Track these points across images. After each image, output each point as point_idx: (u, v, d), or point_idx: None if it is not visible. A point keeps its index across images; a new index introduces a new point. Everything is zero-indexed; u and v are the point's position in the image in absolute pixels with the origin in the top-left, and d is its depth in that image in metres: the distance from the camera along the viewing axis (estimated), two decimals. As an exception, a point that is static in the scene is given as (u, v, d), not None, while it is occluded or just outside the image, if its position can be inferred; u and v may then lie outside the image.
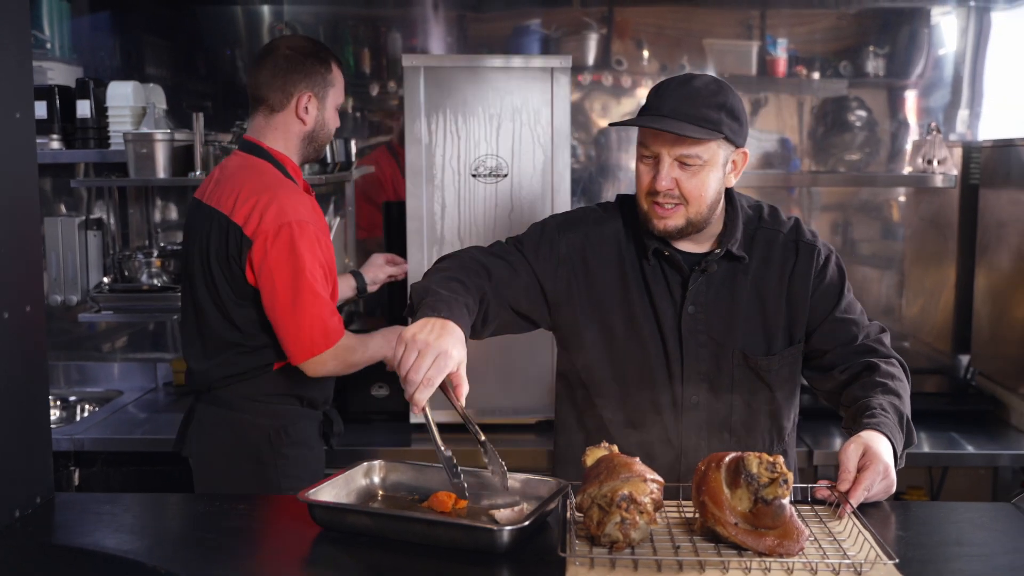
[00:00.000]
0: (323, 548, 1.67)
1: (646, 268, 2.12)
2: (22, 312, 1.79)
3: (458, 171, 3.27)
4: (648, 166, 2.02)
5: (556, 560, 1.56)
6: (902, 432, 1.94)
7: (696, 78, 2.02)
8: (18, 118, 1.78)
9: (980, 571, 1.57)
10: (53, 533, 1.76)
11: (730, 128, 1.99)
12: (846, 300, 2.16)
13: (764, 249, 2.13)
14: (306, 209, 2.63)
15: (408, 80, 3.24)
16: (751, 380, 2.13)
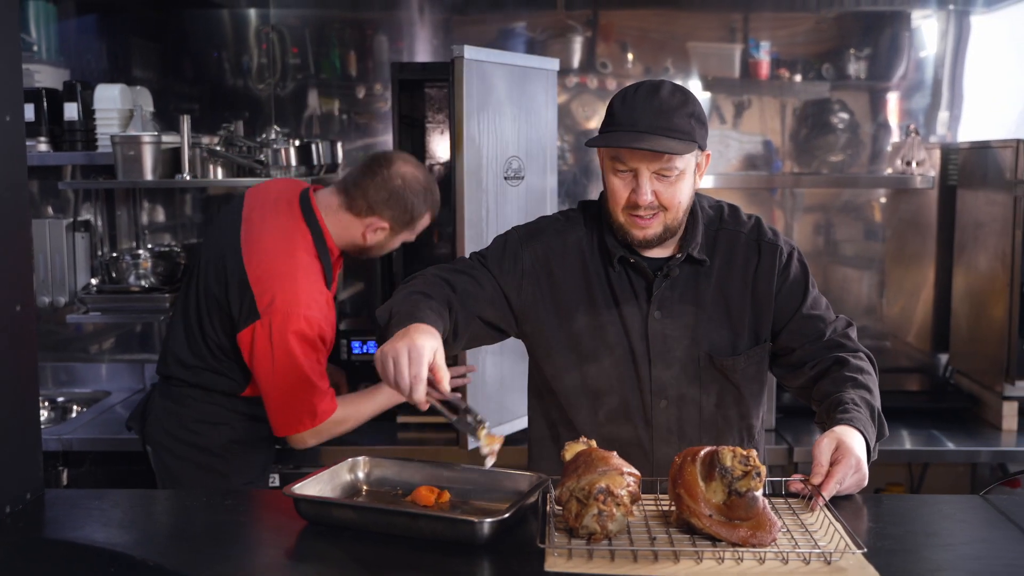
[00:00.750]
0: (308, 542, 1.71)
1: (611, 275, 2.14)
2: (12, 312, 1.83)
3: (496, 173, 3.11)
4: (624, 180, 2.03)
5: (536, 551, 1.60)
6: (874, 425, 1.97)
7: (660, 87, 2.03)
8: (8, 121, 1.82)
9: (946, 559, 1.62)
10: (43, 528, 1.80)
11: (700, 135, 2.03)
12: (811, 296, 2.19)
13: (726, 250, 2.16)
14: (318, 303, 2.71)
15: (466, 74, 2.92)
16: (719, 381, 2.16)
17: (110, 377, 4.06)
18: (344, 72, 4.03)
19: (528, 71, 3.17)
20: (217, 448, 2.82)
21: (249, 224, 2.82)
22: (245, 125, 3.94)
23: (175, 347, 2.89)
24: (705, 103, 3.99)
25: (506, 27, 4.01)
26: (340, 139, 3.97)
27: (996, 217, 3.46)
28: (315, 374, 2.70)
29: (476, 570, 1.58)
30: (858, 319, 4.01)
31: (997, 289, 3.45)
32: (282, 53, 4.02)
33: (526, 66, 3.18)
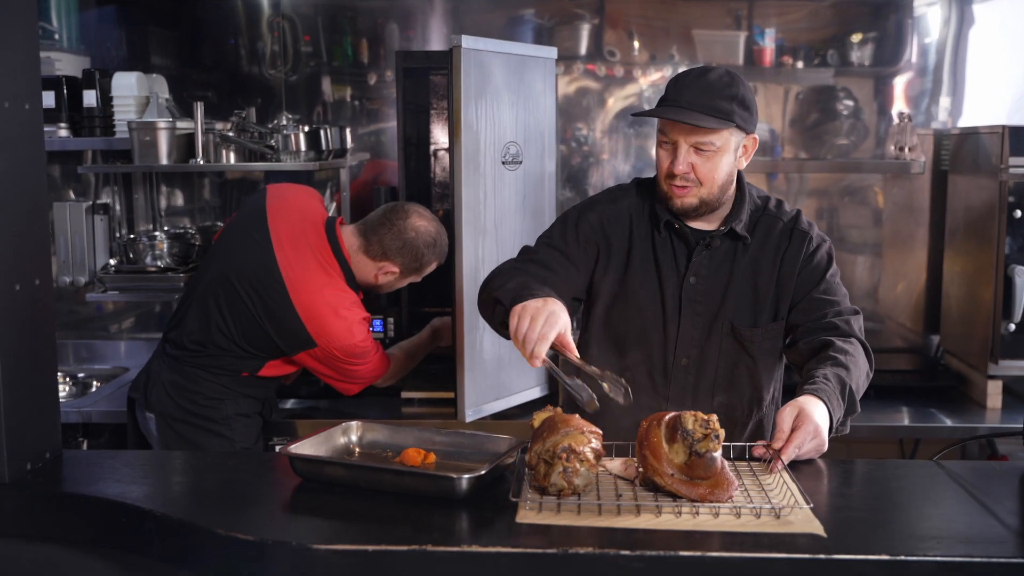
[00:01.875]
0: (303, 496, 1.85)
1: (656, 240, 2.34)
2: (32, 285, 1.97)
3: (494, 159, 3.26)
4: (667, 151, 2.24)
5: (509, 505, 1.73)
6: (842, 401, 2.09)
7: (712, 71, 2.22)
8: (27, 109, 1.96)
9: (890, 515, 1.74)
10: (61, 484, 1.95)
11: (741, 117, 2.20)
12: (826, 283, 2.36)
13: (764, 234, 2.35)
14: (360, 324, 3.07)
15: (463, 63, 3.06)
16: (736, 350, 2.35)
17: (128, 354, 4.22)
18: (356, 59, 4.15)
19: (526, 59, 3.30)
20: (220, 418, 3.05)
21: (280, 245, 3.05)
22: (258, 111, 4.08)
23: (189, 328, 3.08)
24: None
25: (515, 14, 4.11)
26: (351, 125, 4.10)
27: (984, 202, 3.55)
28: (370, 371, 3.16)
29: (454, 522, 1.72)
30: (856, 301, 4.08)
31: (984, 272, 3.55)
32: (294, 41, 4.14)
33: (524, 55, 3.30)
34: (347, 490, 1.85)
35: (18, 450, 1.94)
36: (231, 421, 3.06)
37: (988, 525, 1.69)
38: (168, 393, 3.07)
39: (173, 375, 3.08)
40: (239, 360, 3.07)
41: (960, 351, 3.81)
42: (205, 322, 3.06)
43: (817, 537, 1.61)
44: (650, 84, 4.12)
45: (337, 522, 1.75)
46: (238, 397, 3.10)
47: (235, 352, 3.06)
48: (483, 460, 1.92)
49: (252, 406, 3.15)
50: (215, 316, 3.04)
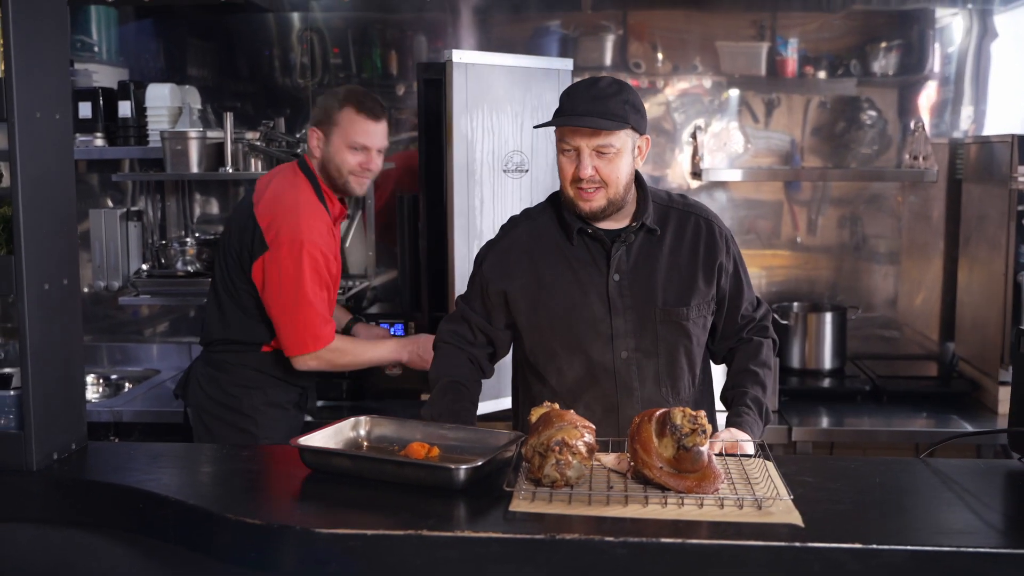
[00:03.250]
0: (310, 486, 1.95)
1: (568, 250, 2.47)
2: (60, 284, 2.10)
3: (493, 167, 3.46)
4: (570, 159, 2.37)
5: (504, 495, 1.82)
6: (761, 420, 2.43)
7: (600, 80, 2.37)
8: (57, 119, 2.09)
9: (870, 509, 1.80)
10: (85, 472, 2.07)
11: (634, 119, 2.35)
12: (747, 282, 2.58)
13: (677, 225, 2.50)
14: (320, 232, 3.01)
15: (456, 76, 3.34)
16: (673, 332, 2.47)
17: (160, 357, 4.36)
18: (384, 71, 4.26)
19: (533, 71, 3.46)
20: (249, 410, 3.10)
21: (259, 189, 3.14)
22: (287, 121, 4.21)
23: (209, 314, 3.20)
24: (733, 100, 4.16)
25: (541, 25, 4.20)
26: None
27: (996, 210, 3.59)
28: (318, 299, 3.00)
29: (451, 510, 1.81)
30: (874, 309, 4.17)
31: (997, 280, 3.58)
32: (323, 53, 4.26)
33: (529, 67, 3.47)
34: (352, 480, 1.95)
35: (45, 440, 2.06)
36: (260, 413, 3.10)
37: (962, 518, 1.75)
38: (201, 385, 3.16)
39: (207, 367, 3.17)
40: (251, 330, 3.10)
41: (974, 358, 3.85)
42: (219, 298, 3.14)
43: (795, 527, 1.69)
44: (676, 94, 4.19)
45: (340, 509, 1.84)
46: (269, 384, 3.14)
47: (244, 323, 3.10)
48: (485, 453, 2.01)
49: (286, 395, 3.18)
50: (224, 289, 3.12)
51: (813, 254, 4.23)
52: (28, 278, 2.01)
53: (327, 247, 3.03)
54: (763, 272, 4.24)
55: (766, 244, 4.24)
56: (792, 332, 3.96)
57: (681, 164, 4.21)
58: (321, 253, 2.99)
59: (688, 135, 4.19)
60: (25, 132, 1.99)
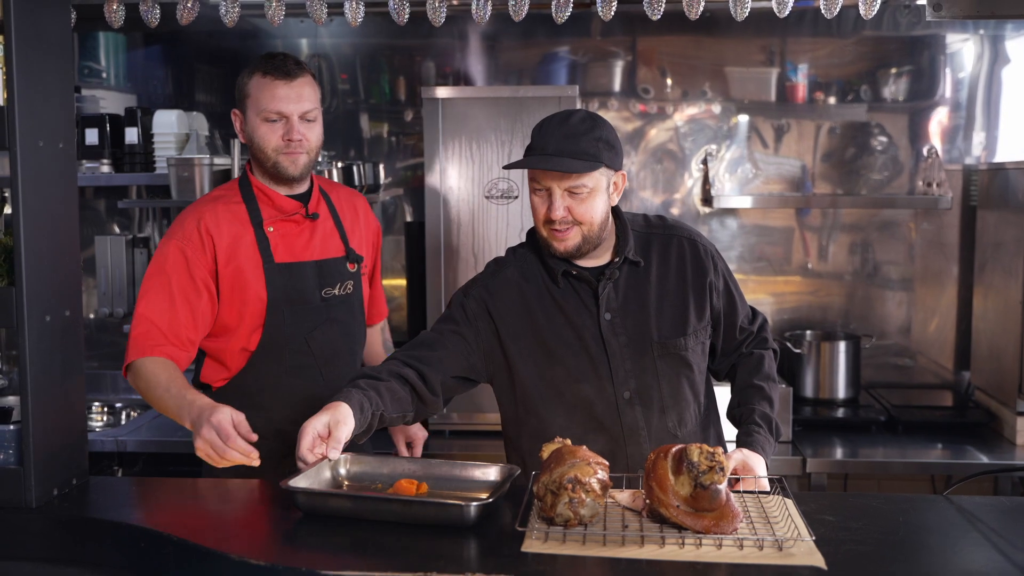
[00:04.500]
0: (315, 525, 1.90)
1: (557, 291, 2.36)
2: (62, 316, 2.06)
3: (472, 193, 3.55)
4: (541, 198, 2.28)
5: (515, 534, 1.77)
6: (772, 436, 2.35)
7: (572, 115, 2.27)
8: (61, 148, 2.06)
9: (895, 551, 1.75)
10: (86, 509, 2.02)
11: (607, 157, 2.25)
12: (740, 296, 2.50)
13: (661, 250, 2.41)
14: (190, 230, 2.58)
15: (427, 110, 3.54)
16: (673, 364, 2.38)
17: (163, 383, 4.30)
18: (393, 96, 4.25)
19: (525, 100, 3.53)
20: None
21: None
22: (295, 148, 4.18)
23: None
24: (743, 126, 4.13)
25: (549, 52, 4.18)
26: (386, 160, 4.19)
27: (1012, 238, 3.54)
28: (153, 306, 2.52)
29: (461, 550, 1.75)
30: (887, 337, 4.12)
31: (1013, 308, 3.53)
32: (331, 79, 4.24)
33: (515, 97, 3.55)
34: (352, 521, 1.89)
35: (45, 476, 2.02)
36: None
37: (990, 559, 1.69)
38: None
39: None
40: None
41: (990, 388, 3.79)
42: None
43: (818, 570, 1.63)
44: (685, 120, 4.16)
45: (346, 549, 1.79)
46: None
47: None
48: (476, 488, 1.97)
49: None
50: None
51: (825, 281, 4.19)
52: (29, 310, 1.97)
53: (205, 246, 2.57)
54: (774, 299, 4.19)
55: (777, 271, 4.19)
56: (806, 361, 3.91)
57: (690, 190, 4.17)
58: (179, 247, 2.54)
59: (698, 161, 4.15)
60: (27, 161, 1.96)
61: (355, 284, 2.75)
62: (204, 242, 2.58)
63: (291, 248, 2.66)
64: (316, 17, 3.38)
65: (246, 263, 2.60)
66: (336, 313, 2.71)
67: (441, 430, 3.65)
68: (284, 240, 2.66)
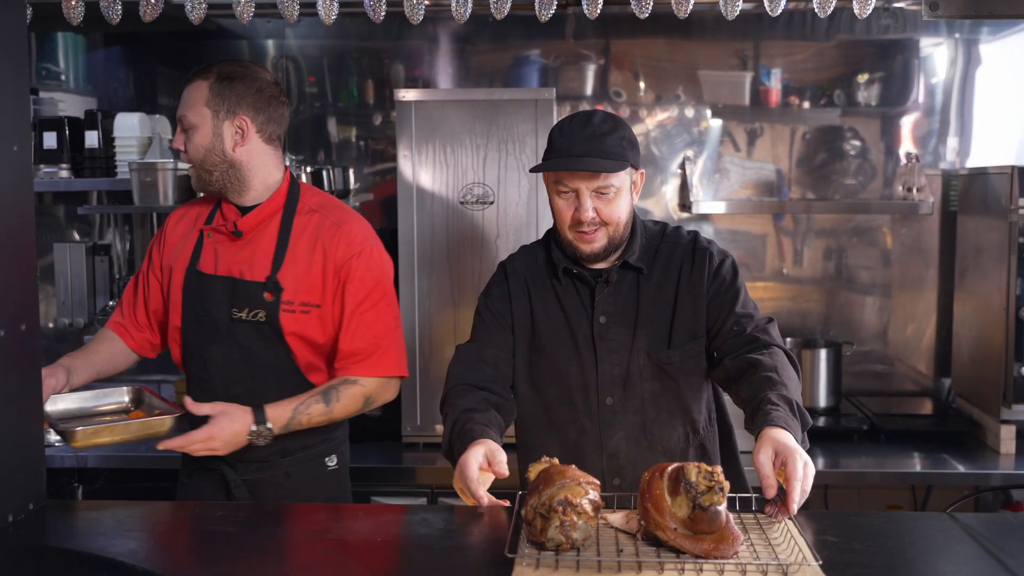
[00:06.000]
0: (291, 550, 1.79)
1: (558, 288, 2.36)
2: (17, 330, 1.93)
3: (447, 198, 3.45)
4: (568, 201, 2.26)
5: (505, 561, 1.67)
6: (796, 418, 2.02)
7: (593, 115, 2.25)
8: (16, 151, 1.93)
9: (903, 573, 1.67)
10: (43, 536, 1.89)
11: (632, 156, 2.25)
12: (738, 298, 2.35)
13: (666, 260, 2.36)
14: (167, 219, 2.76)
15: (400, 113, 3.44)
16: (659, 376, 2.32)
17: (128, 396, 4.16)
18: (361, 100, 4.15)
19: (500, 103, 3.44)
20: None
21: None
22: (261, 152, 4.06)
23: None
24: (716, 130, 4.07)
25: (520, 55, 4.10)
26: (355, 165, 4.09)
27: (994, 243, 3.50)
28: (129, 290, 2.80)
29: (447, 578, 1.66)
30: (865, 343, 4.07)
31: (995, 314, 3.48)
32: (299, 82, 4.14)
33: (490, 99, 3.46)
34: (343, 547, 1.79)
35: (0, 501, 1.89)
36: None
37: (1004, 583, 1.62)
38: None
39: None
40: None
41: (972, 395, 3.74)
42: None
43: (826, 596, 1.55)
44: (656, 124, 4.09)
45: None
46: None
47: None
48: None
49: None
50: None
51: (803, 287, 4.13)
52: (-18, 324, 1.84)
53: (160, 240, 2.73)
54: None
55: (756, 276, 4.13)
56: (786, 369, 3.83)
57: (666, 195, 4.10)
58: (153, 243, 2.75)
59: (675, 166, 4.09)
60: (-20, 166, 1.84)
61: (270, 314, 2.54)
62: (161, 236, 2.73)
63: (217, 259, 2.60)
64: (288, 15, 3.25)
65: (179, 264, 2.64)
66: (242, 337, 2.56)
67: (415, 442, 3.55)
68: (216, 249, 2.61)
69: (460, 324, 3.47)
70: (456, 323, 3.48)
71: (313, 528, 1.92)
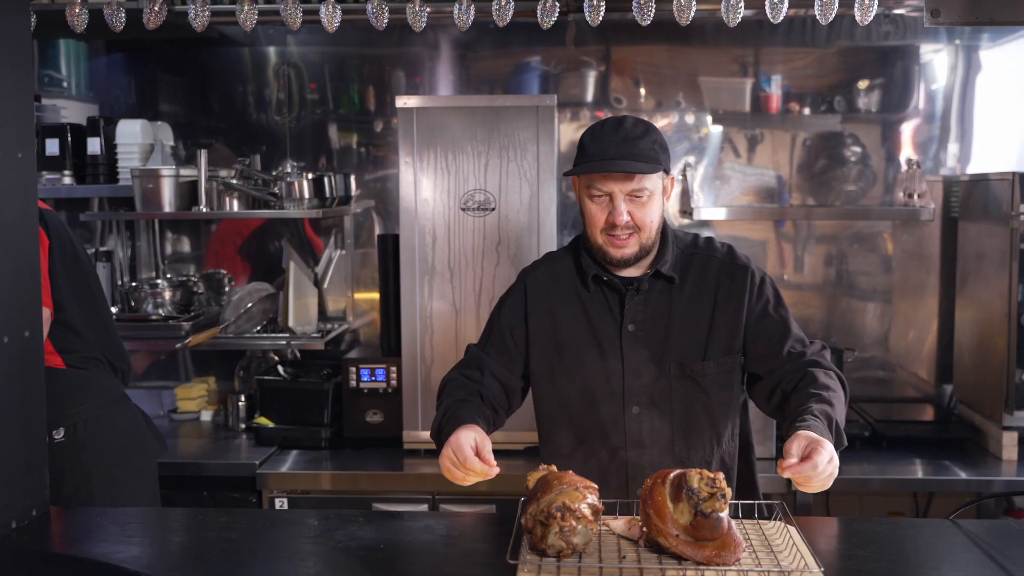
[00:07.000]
0: (294, 556, 1.79)
1: (584, 296, 2.34)
2: (21, 337, 1.93)
3: (448, 205, 3.45)
4: (601, 205, 2.25)
5: (508, 568, 1.67)
6: (831, 434, 2.01)
7: (624, 120, 2.25)
8: (20, 157, 1.94)
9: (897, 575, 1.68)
10: (46, 542, 1.90)
11: (664, 159, 2.25)
12: (785, 322, 2.32)
13: (699, 271, 2.34)
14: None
15: (402, 120, 3.45)
16: (689, 387, 2.30)
17: (129, 403, 4.16)
18: (362, 107, 4.15)
19: (503, 110, 3.44)
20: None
21: None
22: (263, 158, 4.08)
23: None
24: (716, 136, 4.07)
25: (521, 62, 4.10)
26: (356, 172, 4.09)
27: (995, 249, 3.50)
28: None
29: (449, 585, 1.66)
30: (867, 349, 4.06)
31: (997, 320, 3.49)
32: (300, 89, 4.14)
33: (492, 106, 3.47)
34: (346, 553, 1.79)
35: (2, 507, 1.89)
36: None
37: (1008, 590, 1.62)
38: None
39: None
40: None
41: (974, 401, 3.74)
42: None
43: (828, 603, 1.55)
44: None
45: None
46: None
47: None
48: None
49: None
50: None
51: (804, 293, 4.13)
52: (-14, 331, 1.85)
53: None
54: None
55: (756, 283, 4.11)
56: (788, 375, 3.83)
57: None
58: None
59: (675, 172, 4.09)
60: (-16, 173, 1.84)
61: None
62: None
63: None
64: (291, 22, 3.26)
65: None
66: None
67: (416, 449, 3.55)
68: None
69: (461, 330, 3.48)
70: (457, 329, 3.48)
71: (316, 534, 1.93)
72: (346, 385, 3.62)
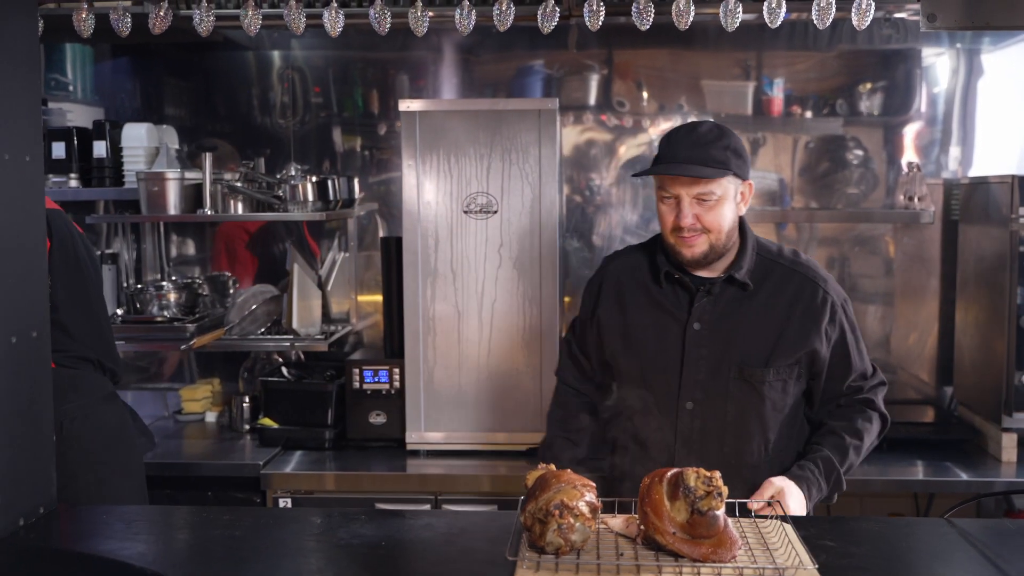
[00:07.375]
0: (300, 554, 1.82)
1: (657, 291, 2.42)
2: (28, 337, 1.96)
3: (450, 208, 3.48)
4: (670, 206, 2.33)
5: (506, 564, 1.69)
6: (824, 481, 2.28)
7: (701, 124, 2.33)
8: (28, 161, 1.97)
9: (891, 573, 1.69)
10: (54, 539, 1.92)
11: (736, 165, 2.29)
12: (850, 357, 2.42)
13: (778, 282, 2.39)
14: None
15: (404, 123, 3.48)
16: (745, 391, 2.37)
17: (135, 405, 4.13)
18: (366, 110, 4.18)
19: (505, 114, 3.47)
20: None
21: None
22: (267, 161, 4.10)
23: None
24: (716, 140, 4.08)
25: (524, 65, 4.13)
26: (360, 175, 4.12)
27: (995, 252, 3.52)
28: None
29: (449, 582, 1.68)
30: (869, 351, 4.06)
31: (997, 322, 3.50)
32: (304, 92, 4.17)
33: (494, 110, 3.50)
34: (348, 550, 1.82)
35: (11, 505, 1.92)
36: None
37: (999, 587, 1.64)
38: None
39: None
40: None
41: (974, 403, 3.76)
42: None
43: (822, 599, 1.57)
44: (659, 134, 4.11)
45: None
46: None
47: None
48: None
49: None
50: None
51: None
52: (-6, 331, 1.87)
53: None
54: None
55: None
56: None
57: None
58: None
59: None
60: (-7, 175, 1.87)
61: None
62: None
63: None
64: (294, 27, 3.29)
65: None
66: None
67: (417, 450, 3.57)
68: None
69: (463, 332, 3.50)
70: (459, 331, 3.51)
71: (318, 532, 1.95)
72: (349, 386, 3.65)
